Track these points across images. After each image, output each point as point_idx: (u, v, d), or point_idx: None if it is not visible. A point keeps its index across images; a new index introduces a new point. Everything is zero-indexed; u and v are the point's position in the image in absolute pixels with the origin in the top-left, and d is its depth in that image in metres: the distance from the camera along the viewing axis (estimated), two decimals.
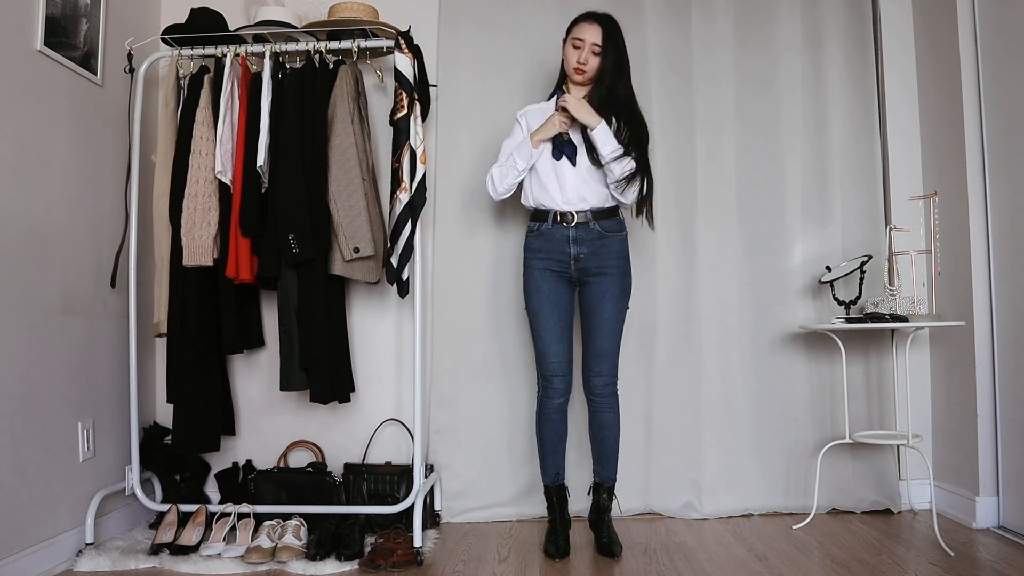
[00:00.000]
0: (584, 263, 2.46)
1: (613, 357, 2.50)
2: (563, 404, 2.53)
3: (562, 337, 2.50)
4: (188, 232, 2.52)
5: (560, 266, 2.48)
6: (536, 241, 2.50)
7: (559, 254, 2.47)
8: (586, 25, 2.43)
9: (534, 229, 2.52)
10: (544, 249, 2.48)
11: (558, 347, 2.49)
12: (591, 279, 2.48)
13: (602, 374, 2.48)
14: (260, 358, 2.97)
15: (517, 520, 2.87)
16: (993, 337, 2.67)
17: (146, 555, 2.39)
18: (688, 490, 2.90)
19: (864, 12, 3.05)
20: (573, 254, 2.46)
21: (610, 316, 2.47)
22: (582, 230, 2.46)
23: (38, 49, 2.30)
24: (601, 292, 2.47)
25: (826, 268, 2.86)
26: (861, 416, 2.95)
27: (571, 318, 2.55)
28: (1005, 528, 2.60)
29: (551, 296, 2.49)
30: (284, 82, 2.61)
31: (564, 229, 2.46)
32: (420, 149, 2.50)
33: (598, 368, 2.48)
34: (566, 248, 2.46)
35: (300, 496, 2.67)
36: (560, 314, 2.50)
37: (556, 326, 2.49)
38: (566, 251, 2.47)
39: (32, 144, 2.29)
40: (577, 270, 2.48)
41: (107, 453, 2.64)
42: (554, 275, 2.49)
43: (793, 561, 2.33)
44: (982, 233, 2.70)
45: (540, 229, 2.50)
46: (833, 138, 3.00)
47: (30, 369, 2.26)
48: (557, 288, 2.49)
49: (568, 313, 2.53)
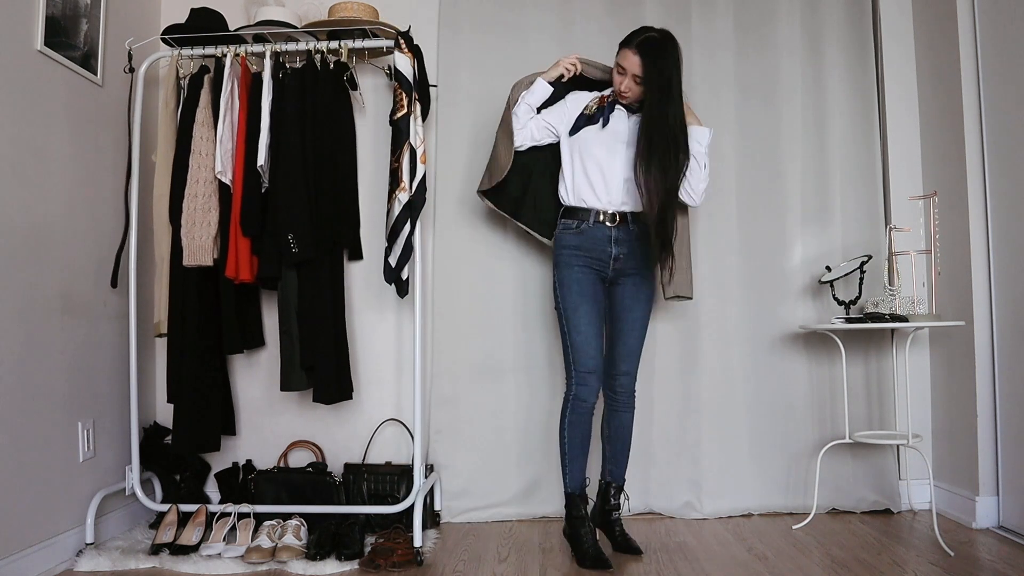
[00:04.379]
0: (622, 263, 2.45)
1: (639, 357, 2.52)
2: (592, 407, 2.43)
3: (600, 333, 2.45)
4: (188, 232, 2.52)
5: (599, 264, 2.45)
6: (576, 239, 2.44)
7: (599, 253, 2.44)
8: (628, 52, 2.34)
9: (572, 227, 2.45)
10: (584, 247, 2.44)
11: (596, 343, 2.42)
12: (626, 279, 2.48)
13: (629, 373, 2.50)
14: (260, 358, 2.97)
15: (517, 520, 2.87)
16: (993, 337, 2.67)
17: (146, 555, 2.39)
18: (688, 490, 2.90)
19: (864, 13, 3.06)
20: (613, 254, 2.44)
21: (642, 316, 2.49)
22: (623, 231, 2.45)
23: (38, 49, 2.30)
24: (636, 292, 2.48)
25: (826, 268, 2.86)
26: (861, 416, 2.95)
27: (604, 319, 2.51)
28: (1005, 528, 2.60)
29: (590, 292, 2.43)
30: (284, 82, 2.61)
31: (607, 228, 2.44)
32: (420, 149, 2.50)
33: (626, 368, 2.49)
34: (607, 248, 2.44)
35: (300, 496, 2.67)
36: (598, 310, 2.45)
37: (596, 321, 2.43)
38: (607, 250, 2.44)
39: (32, 144, 2.29)
40: (614, 270, 2.46)
41: (107, 453, 2.64)
42: (593, 273, 2.45)
43: (793, 561, 2.33)
44: (982, 233, 2.70)
45: (580, 227, 2.45)
46: (833, 138, 3.00)
47: (30, 369, 2.26)
48: (596, 286, 2.45)
49: (603, 312, 2.49)
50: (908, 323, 2.61)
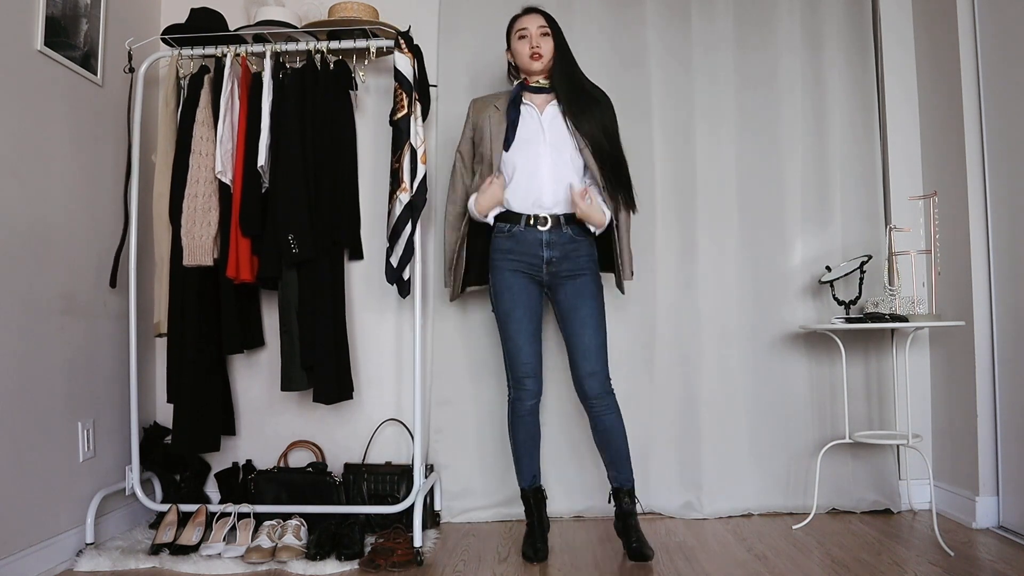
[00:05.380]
0: (556, 266, 2.43)
1: (602, 352, 2.41)
2: (535, 406, 2.48)
3: (534, 338, 2.46)
4: (188, 232, 2.52)
5: (532, 268, 2.43)
6: (507, 242, 2.44)
7: (531, 257, 2.42)
8: (525, 17, 2.49)
9: (504, 230, 2.44)
10: (516, 251, 2.43)
11: (530, 348, 2.44)
12: (564, 281, 2.44)
13: (595, 373, 2.39)
14: (260, 358, 2.97)
15: (517, 520, 2.87)
16: (993, 337, 2.67)
17: (146, 555, 2.40)
18: (688, 490, 2.90)
19: (864, 12, 3.05)
20: (546, 257, 2.42)
21: (591, 312, 2.42)
22: (554, 233, 2.42)
23: (38, 49, 2.30)
24: (577, 291, 2.43)
25: (826, 268, 2.86)
26: (861, 416, 2.95)
27: (541, 320, 2.50)
28: (1005, 528, 2.60)
29: (522, 297, 2.44)
30: (284, 82, 2.61)
31: (537, 232, 2.42)
32: (420, 149, 2.50)
33: (589, 367, 2.39)
34: (539, 251, 2.42)
35: (300, 496, 2.67)
36: (531, 315, 2.45)
37: (528, 327, 2.44)
38: (539, 254, 2.42)
39: (32, 144, 2.29)
40: (548, 274, 2.43)
41: (107, 453, 2.64)
42: (525, 276, 2.44)
43: (793, 561, 2.33)
44: (982, 233, 2.70)
45: (512, 231, 2.43)
46: (833, 138, 3.00)
47: (30, 369, 2.26)
48: (528, 289, 2.45)
49: (538, 315, 2.49)
50: (908, 323, 2.61)
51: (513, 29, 2.50)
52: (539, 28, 2.44)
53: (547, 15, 2.49)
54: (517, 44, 2.48)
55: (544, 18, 2.47)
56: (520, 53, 2.47)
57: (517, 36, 2.47)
